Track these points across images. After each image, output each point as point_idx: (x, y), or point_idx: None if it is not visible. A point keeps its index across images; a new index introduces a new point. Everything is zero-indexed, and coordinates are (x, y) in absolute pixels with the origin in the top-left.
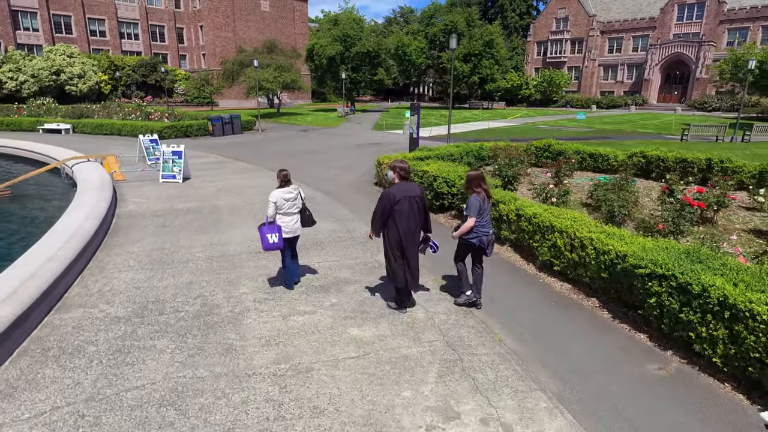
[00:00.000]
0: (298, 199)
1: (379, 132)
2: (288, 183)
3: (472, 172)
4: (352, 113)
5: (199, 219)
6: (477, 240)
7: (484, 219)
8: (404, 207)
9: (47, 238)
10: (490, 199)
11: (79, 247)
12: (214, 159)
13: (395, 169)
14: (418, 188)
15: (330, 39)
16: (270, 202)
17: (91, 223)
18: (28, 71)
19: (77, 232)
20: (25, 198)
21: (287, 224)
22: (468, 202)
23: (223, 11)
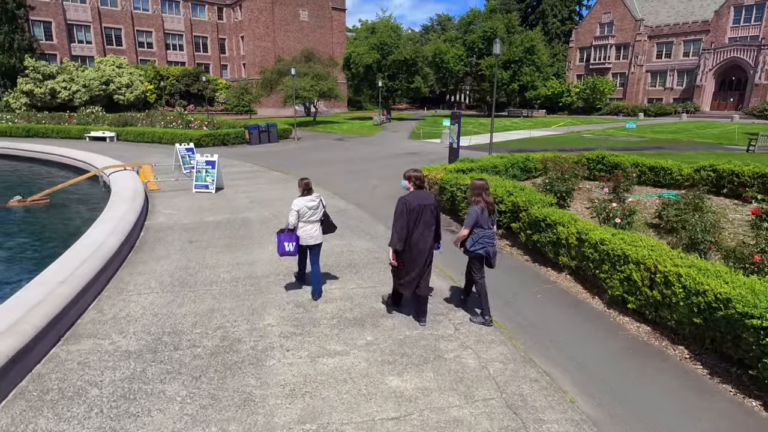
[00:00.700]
0: (320, 208)
1: (416, 141)
2: (310, 191)
3: (477, 181)
4: (388, 121)
5: (227, 234)
6: (484, 250)
7: (488, 229)
8: (418, 215)
9: (67, 255)
10: (492, 210)
11: (98, 266)
12: (248, 168)
13: (410, 179)
14: (431, 197)
15: (367, 47)
16: (292, 210)
17: (116, 239)
18: (80, 81)
19: (100, 249)
20: (62, 207)
21: (309, 232)
22: (468, 211)
23: (264, 21)
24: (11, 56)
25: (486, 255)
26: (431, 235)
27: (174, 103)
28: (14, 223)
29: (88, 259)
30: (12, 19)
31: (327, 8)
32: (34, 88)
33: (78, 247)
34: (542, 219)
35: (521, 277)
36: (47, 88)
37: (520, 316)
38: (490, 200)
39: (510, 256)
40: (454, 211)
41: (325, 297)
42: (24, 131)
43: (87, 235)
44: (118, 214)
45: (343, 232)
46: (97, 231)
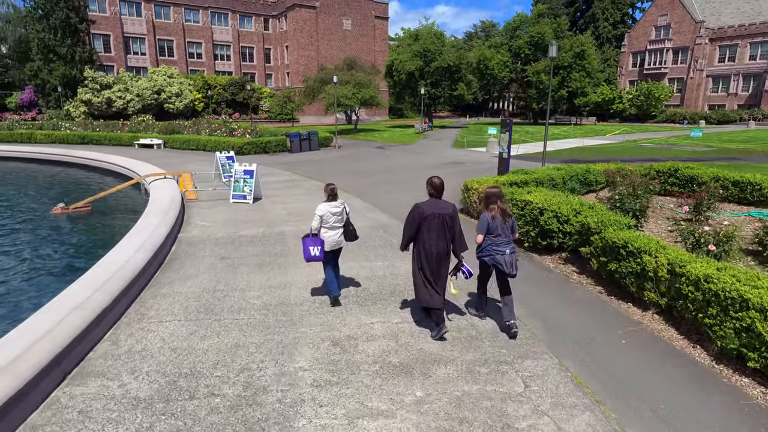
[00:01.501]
0: (344, 214)
1: (460, 150)
2: (335, 197)
3: (491, 189)
4: (430, 129)
5: (261, 250)
6: (489, 258)
7: (497, 237)
8: (433, 224)
9: (87, 276)
10: (507, 217)
11: (118, 289)
12: (287, 177)
13: (428, 185)
14: (450, 206)
15: (410, 54)
16: (316, 215)
17: (143, 256)
18: (134, 91)
19: (123, 269)
20: (101, 215)
21: (332, 238)
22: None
23: (308, 31)
24: (73, 68)
25: (493, 263)
26: (446, 245)
27: (221, 112)
28: (52, 231)
29: (109, 280)
30: (75, 32)
31: (370, 17)
32: (92, 97)
33: (100, 267)
34: (622, 245)
35: (596, 314)
36: (104, 97)
37: (603, 369)
38: (505, 207)
39: (578, 287)
40: None
41: (366, 333)
42: (79, 138)
43: (113, 251)
44: (150, 227)
45: (385, 251)
46: (125, 247)
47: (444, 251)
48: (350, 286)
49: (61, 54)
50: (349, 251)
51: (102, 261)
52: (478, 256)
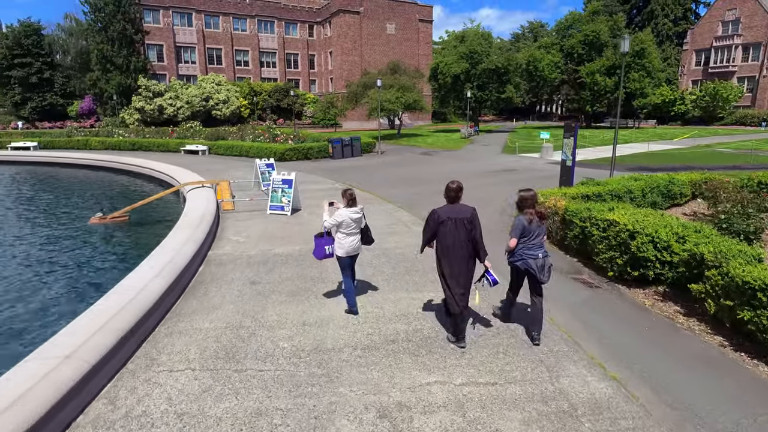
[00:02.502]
0: (362, 220)
1: (511, 156)
2: (354, 203)
3: (525, 193)
4: (476, 134)
5: (297, 273)
6: (522, 263)
7: (531, 241)
8: (449, 229)
9: (91, 311)
10: (543, 220)
11: (127, 326)
12: (328, 185)
13: (446, 190)
14: (468, 210)
15: (456, 56)
16: (334, 219)
17: (162, 282)
18: (183, 98)
19: (136, 300)
20: (138, 226)
21: (350, 244)
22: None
23: (352, 36)
24: (128, 77)
25: (525, 268)
26: (466, 251)
27: (265, 118)
28: (84, 244)
29: (118, 314)
30: (130, 43)
31: (414, 20)
32: (145, 105)
33: (110, 298)
34: (761, 287)
35: (728, 382)
36: (156, 105)
37: None
38: (540, 210)
39: (691, 336)
40: (585, 253)
41: (422, 401)
42: (130, 145)
43: (129, 277)
44: (175, 246)
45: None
46: (143, 270)
47: (462, 257)
48: (398, 323)
49: (117, 64)
50: (396, 278)
51: (114, 290)
52: (510, 261)
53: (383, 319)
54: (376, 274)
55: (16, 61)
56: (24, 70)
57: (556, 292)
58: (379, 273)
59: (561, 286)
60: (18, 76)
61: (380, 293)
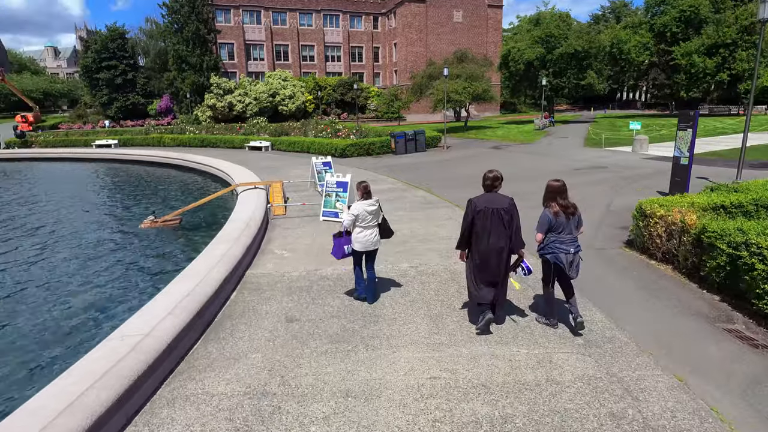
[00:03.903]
0: (379, 212)
1: (596, 149)
2: (369, 195)
3: (553, 182)
4: (552, 125)
5: (344, 308)
6: (552, 256)
7: (562, 235)
8: (486, 219)
9: (74, 373)
10: (572, 212)
11: (114, 395)
12: (390, 186)
13: (483, 180)
14: (506, 200)
15: (529, 41)
16: (351, 214)
17: (173, 324)
18: (252, 95)
19: (134, 354)
20: (189, 231)
21: (367, 238)
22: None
23: (417, 26)
24: (201, 75)
25: (556, 262)
26: (501, 240)
27: (330, 112)
28: (128, 253)
29: (104, 377)
30: (204, 43)
31: (482, 6)
32: (216, 102)
33: (100, 351)
34: None
35: None
36: (226, 102)
37: None
38: (567, 203)
39: None
40: (735, 291)
41: None
42: (199, 141)
43: (137, 315)
44: (204, 268)
45: (531, 325)
46: (154, 307)
47: (498, 247)
48: (478, 401)
49: (191, 63)
50: (473, 317)
51: (110, 338)
52: (540, 253)
53: (456, 393)
54: (444, 313)
55: (103, 64)
56: (110, 72)
57: (702, 351)
58: (446, 307)
59: (708, 343)
60: (105, 78)
61: (449, 342)
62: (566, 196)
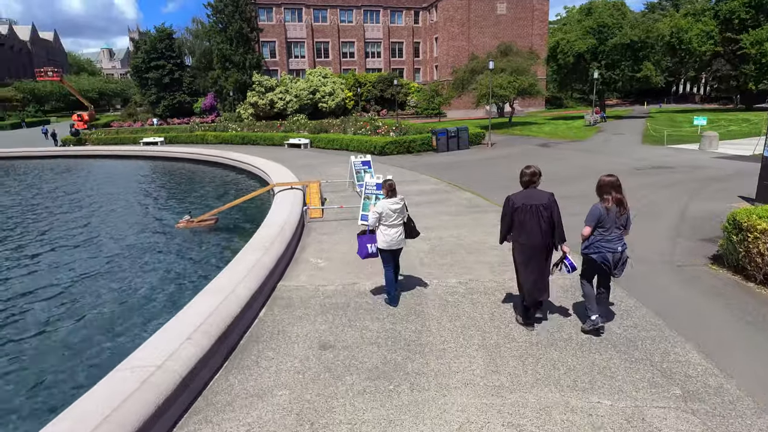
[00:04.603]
0: (404, 211)
1: (658, 147)
2: (394, 193)
3: (607, 177)
4: (603, 120)
5: (386, 333)
6: (598, 256)
7: (609, 233)
8: (524, 216)
9: (70, 411)
10: (623, 210)
11: None
12: (432, 186)
13: (520, 176)
14: (545, 196)
15: (580, 32)
16: (375, 212)
17: (190, 354)
18: (292, 92)
19: (134, 398)
20: (223, 231)
21: (392, 236)
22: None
23: (459, 20)
24: (243, 73)
25: (602, 261)
26: (542, 237)
27: (369, 109)
28: (157, 254)
29: (101, 426)
30: (246, 41)
31: None
32: (258, 100)
33: (107, 385)
34: None
35: None
36: (267, 99)
37: None
38: (620, 197)
39: None
40: None
41: None
42: (240, 139)
43: (147, 345)
44: (230, 282)
45: (613, 368)
46: (170, 332)
47: (539, 244)
48: None
49: (235, 62)
50: (538, 357)
51: (120, 367)
52: (584, 252)
53: None
54: (502, 343)
55: (152, 63)
56: (158, 72)
57: None
58: (504, 336)
59: None
60: (153, 77)
61: (511, 384)
62: (621, 191)
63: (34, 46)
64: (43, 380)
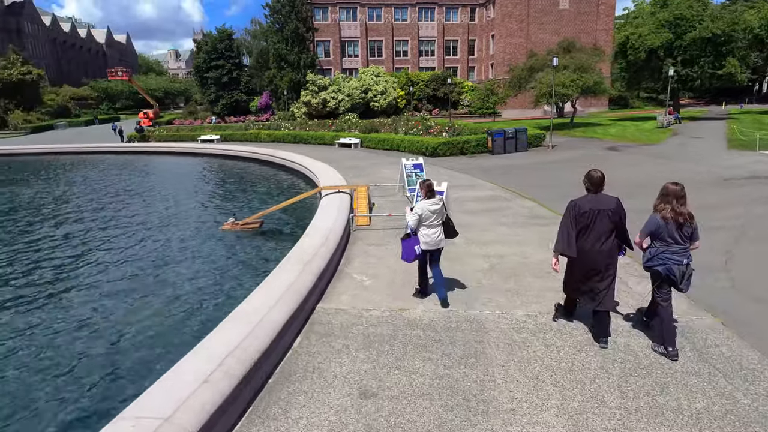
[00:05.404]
0: (443, 211)
1: (748, 153)
2: (433, 194)
3: (673, 185)
4: (677, 122)
5: (442, 380)
6: (663, 268)
7: (675, 244)
8: (592, 222)
9: None
10: (686, 222)
11: None
12: (489, 192)
13: (588, 179)
14: (613, 201)
15: (654, 25)
16: (414, 214)
17: (214, 395)
18: (345, 91)
19: None
20: (267, 235)
21: (431, 237)
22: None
23: (517, 16)
24: (298, 72)
25: (668, 274)
26: (609, 244)
27: (421, 108)
28: (191, 263)
29: None
30: (302, 41)
31: None
32: (311, 99)
33: None
34: None
35: None
36: (320, 98)
37: None
38: (682, 211)
39: None
40: None
41: None
42: (292, 138)
43: (164, 381)
44: (262, 305)
45: None
46: (188, 371)
47: (605, 252)
48: None
49: (290, 61)
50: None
51: (123, 415)
52: (647, 265)
53: None
54: (589, 408)
55: (212, 63)
56: (218, 72)
57: None
58: (591, 397)
59: None
60: (213, 77)
61: None
62: (684, 203)
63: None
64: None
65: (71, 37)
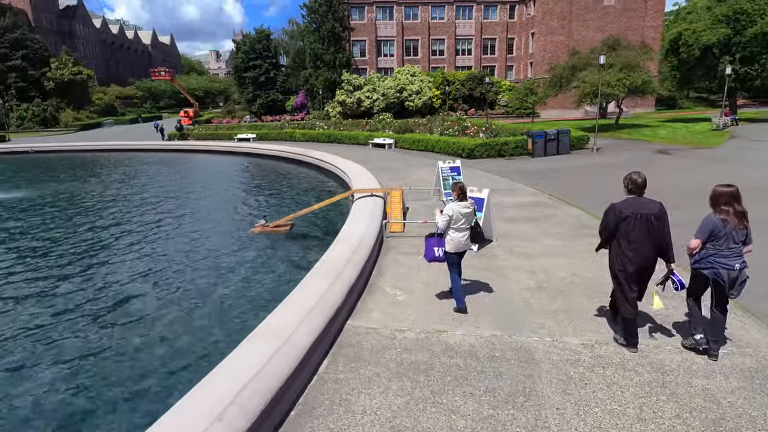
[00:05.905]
0: (473, 215)
1: None
2: (465, 197)
3: (724, 188)
4: (734, 124)
5: (485, 423)
6: (711, 272)
7: (725, 247)
8: (632, 226)
9: None
10: (743, 224)
11: None
12: (530, 198)
13: (629, 182)
14: (656, 205)
15: (710, 20)
16: (445, 214)
17: None
18: (380, 91)
19: None
20: (298, 239)
21: (458, 240)
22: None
23: (559, 13)
24: (333, 72)
25: (716, 278)
26: (650, 250)
27: (457, 108)
28: (213, 269)
29: None
30: (338, 40)
31: None
32: (346, 98)
33: None
34: None
35: None
36: (355, 98)
37: None
38: (742, 209)
39: None
40: None
41: None
42: (326, 137)
43: (172, 417)
44: (291, 323)
45: None
46: (200, 406)
47: (646, 257)
48: None
49: (325, 60)
50: None
51: None
52: (695, 267)
53: None
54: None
55: (250, 63)
56: (255, 71)
57: None
58: None
59: None
60: (251, 76)
61: None
62: (741, 203)
63: (154, 49)
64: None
65: (119, 38)
